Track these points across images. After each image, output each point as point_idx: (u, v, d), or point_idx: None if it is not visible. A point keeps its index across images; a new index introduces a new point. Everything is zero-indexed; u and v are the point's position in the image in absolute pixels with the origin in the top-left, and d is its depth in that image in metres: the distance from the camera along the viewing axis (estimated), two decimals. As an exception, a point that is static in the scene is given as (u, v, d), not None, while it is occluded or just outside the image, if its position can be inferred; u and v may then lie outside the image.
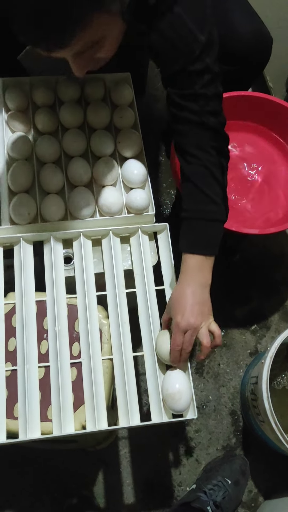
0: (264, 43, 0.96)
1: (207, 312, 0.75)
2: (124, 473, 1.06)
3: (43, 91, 0.92)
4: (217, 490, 0.97)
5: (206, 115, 0.73)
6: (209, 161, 0.74)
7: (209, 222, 0.75)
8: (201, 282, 0.74)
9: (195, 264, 0.74)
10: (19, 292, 0.78)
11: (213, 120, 0.74)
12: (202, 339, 0.73)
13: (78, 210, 0.83)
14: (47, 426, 0.71)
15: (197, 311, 0.73)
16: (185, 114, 0.74)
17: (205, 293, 0.75)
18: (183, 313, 0.72)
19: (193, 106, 0.73)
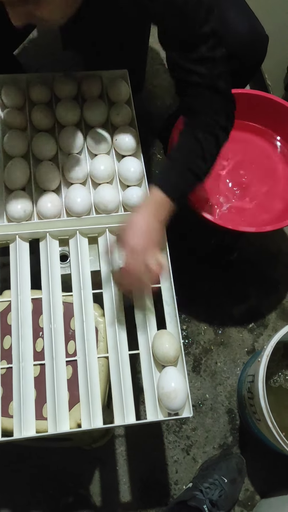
0: (259, 41, 0.96)
1: (156, 243, 0.76)
2: (120, 471, 1.06)
3: (39, 88, 0.92)
4: (214, 489, 0.97)
5: (215, 78, 0.74)
6: (215, 123, 0.76)
7: (192, 174, 0.76)
8: (159, 218, 0.75)
9: (160, 201, 0.75)
10: (14, 290, 0.78)
11: (222, 83, 0.75)
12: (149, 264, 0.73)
13: (75, 207, 0.82)
14: (42, 424, 0.71)
15: (148, 238, 0.74)
16: (192, 78, 0.74)
17: (158, 228, 0.76)
18: (134, 235, 0.74)
19: (201, 70, 0.73)
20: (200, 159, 0.76)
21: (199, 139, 0.76)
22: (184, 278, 1.23)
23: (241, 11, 0.95)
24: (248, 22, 0.94)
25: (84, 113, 0.92)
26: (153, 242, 0.74)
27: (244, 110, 1.10)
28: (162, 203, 0.75)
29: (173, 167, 0.77)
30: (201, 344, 1.19)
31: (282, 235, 1.34)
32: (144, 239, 0.73)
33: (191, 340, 1.20)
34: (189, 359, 1.17)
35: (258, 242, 1.31)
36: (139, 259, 0.72)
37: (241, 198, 1.05)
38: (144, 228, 0.74)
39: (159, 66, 1.55)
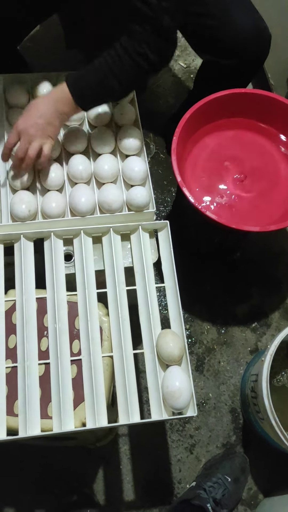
0: (262, 38, 0.97)
1: (47, 133, 0.79)
2: (124, 470, 1.06)
3: (43, 88, 0.92)
4: (217, 488, 0.97)
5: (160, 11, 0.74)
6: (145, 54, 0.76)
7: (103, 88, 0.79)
8: (59, 109, 0.79)
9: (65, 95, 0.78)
10: (19, 289, 0.78)
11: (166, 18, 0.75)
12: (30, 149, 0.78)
13: (79, 207, 0.83)
14: (47, 423, 0.71)
15: (41, 125, 0.78)
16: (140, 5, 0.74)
17: (56, 120, 0.80)
18: (27, 119, 0.78)
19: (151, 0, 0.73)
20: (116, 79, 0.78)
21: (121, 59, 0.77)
22: (187, 277, 1.23)
23: (245, 8, 0.96)
24: (252, 18, 0.95)
25: (88, 113, 0.92)
26: (43, 132, 0.79)
27: (247, 109, 1.10)
28: (66, 100, 0.79)
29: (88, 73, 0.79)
30: (204, 343, 1.20)
31: (285, 235, 1.34)
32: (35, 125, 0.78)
33: (194, 340, 1.20)
34: (192, 358, 1.17)
35: (261, 242, 1.31)
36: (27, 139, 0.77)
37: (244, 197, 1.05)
38: (39, 115, 0.78)
39: (162, 66, 1.55)
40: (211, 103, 1.03)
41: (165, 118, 1.40)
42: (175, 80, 1.54)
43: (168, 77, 1.53)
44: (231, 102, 1.06)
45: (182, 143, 1.02)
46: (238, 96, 1.06)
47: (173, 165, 0.94)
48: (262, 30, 0.97)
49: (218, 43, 0.98)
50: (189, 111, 1.01)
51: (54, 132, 0.81)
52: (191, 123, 1.02)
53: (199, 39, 1.05)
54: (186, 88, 1.52)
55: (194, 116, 1.02)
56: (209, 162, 1.08)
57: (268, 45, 0.99)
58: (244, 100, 1.09)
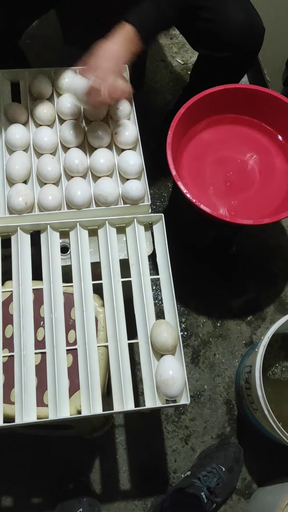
0: (256, 31, 0.99)
1: (119, 70, 0.83)
2: (120, 460, 1.08)
3: (40, 83, 0.93)
4: (211, 477, 0.99)
5: None
6: None
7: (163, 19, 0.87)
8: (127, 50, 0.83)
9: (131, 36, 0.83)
10: (16, 280, 0.80)
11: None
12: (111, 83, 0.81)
13: (75, 200, 0.84)
14: (43, 411, 0.73)
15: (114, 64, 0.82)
16: None
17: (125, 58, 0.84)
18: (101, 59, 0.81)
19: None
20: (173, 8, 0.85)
21: None
22: (183, 271, 1.25)
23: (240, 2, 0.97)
24: (245, 11, 0.96)
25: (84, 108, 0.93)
26: (118, 68, 0.82)
27: (242, 104, 1.11)
28: (132, 38, 0.83)
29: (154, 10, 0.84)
30: (200, 336, 1.21)
31: (281, 229, 1.35)
32: (110, 63, 0.81)
33: (190, 333, 1.21)
34: (188, 351, 1.19)
35: (257, 236, 1.32)
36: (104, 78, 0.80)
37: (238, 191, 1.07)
38: (111, 55, 0.81)
39: (159, 63, 1.56)
40: (206, 98, 1.05)
41: (162, 114, 1.41)
42: (173, 76, 1.55)
43: (165, 73, 1.55)
44: (226, 97, 1.07)
45: (178, 138, 1.04)
46: (233, 91, 1.07)
47: (168, 159, 0.95)
48: (256, 23, 0.99)
49: (213, 36, 0.99)
50: (184, 106, 1.02)
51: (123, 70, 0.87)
52: (186, 118, 1.04)
53: (194, 32, 1.06)
54: (183, 84, 1.53)
55: (189, 111, 1.03)
56: (205, 156, 1.10)
57: (262, 37, 1.01)
58: (240, 96, 1.10)
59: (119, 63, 0.82)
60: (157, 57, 1.56)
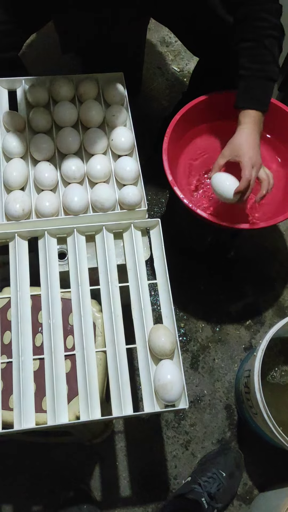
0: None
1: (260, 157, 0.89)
2: (120, 466, 1.07)
3: (37, 91, 0.94)
4: (212, 482, 0.99)
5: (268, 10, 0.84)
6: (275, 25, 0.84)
7: (270, 81, 0.87)
8: (259, 131, 0.89)
9: (256, 118, 0.88)
10: (14, 287, 0.80)
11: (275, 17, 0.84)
12: (262, 175, 0.88)
13: (72, 206, 0.85)
14: (41, 417, 0.73)
15: (259, 152, 0.88)
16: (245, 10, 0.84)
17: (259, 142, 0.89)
18: (251, 151, 0.86)
19: None
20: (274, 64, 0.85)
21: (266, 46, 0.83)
22: (181, 277, 1.25)
23: None
24: None
25: (81, 114, 0.94)
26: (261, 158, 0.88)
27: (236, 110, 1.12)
28: (260, 119, 0.88)
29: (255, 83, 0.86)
30: (199, 341, 1.21)
31: (279, 233, 1.36)
32: (259, 157, 0.87)
33: (189, 338, 1.21)
34: (187, 356, 1.19)
35: (255, 240, 1.33)
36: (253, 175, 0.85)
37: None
38: (254, 145, 0.86)
39: (156, 70, 1.57)
40: (201, 103, 1.06)
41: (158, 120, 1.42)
42: (169, 83, 1.56)
43: (162, 80, 1.56)
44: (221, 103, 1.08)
45: (174, 143, 1.04)
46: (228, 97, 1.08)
47: (164, 164, 0.96)
48: None
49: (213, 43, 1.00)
50: (180, 111, 1.03)
51: None
52: (182, 124, 1.04)
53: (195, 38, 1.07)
54: (179, 91, 1.54)
55: (185, 117, 1.04)
56: (201, 162, 1.10)
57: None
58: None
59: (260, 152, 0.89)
60: (153, 65, 1.58)
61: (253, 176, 0.86)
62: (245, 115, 0.87)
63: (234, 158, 0.88)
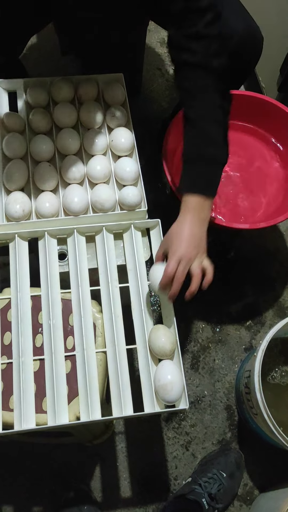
0: (254, 40, 0.98)
1: (202, 247, 0.77)
2: (120, 467, 1.07)
3: (37, 92, 0.94)
4: (212, 483, 0.99)
5: (209, 56, 0.74)
6: (212, 104, 0.76)
7: (209, 164, 0.77)
8: (200, 218, 0.77)
9: (196, 203, 0.77)
10: (14, 288, 0.80)
11: (216, 62, 0.74)
12: (194, 270, 0.76)
13: (72, 207, 0.85)
14: (42, 418, 0.73)
15: (194, 244, 0.76)
16: (186, 56, 0.74)
17: (202, 231, 0.78)
18: (179, 243, 0.75)
19: (196, 47, 0.73)
20: (214, 146, 0.77)
21: (201, 129, 0.76)
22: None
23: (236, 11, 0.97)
24: (243, 21, 0.96)
25: (80, 115, 0.94)
26: (199, 249, 0.77)
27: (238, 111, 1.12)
28: (202, 204, 0.77)
29: (194, 166, 0.78)
30: (199, 341, 1.21)
31: (279, 234, 1.36)
32: (190, 248, 0.75)
33: (189, 338, 1.21)
34: (187, 356, 1.19)
35: (255, 240, 1.33)
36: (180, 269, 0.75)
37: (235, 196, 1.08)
38: (188, 235, 0.76)
39: (156, 71, 1.58)
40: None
41: (158, 121, 1.42)
42: (168, 85, 1.56)
43: (161, 82, 1.56)
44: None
45: (174, 144, 1.05)
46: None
47: (164, 165, 0.96)
48: (254, 32, 0.98)
49: None
50: (180, 112, 1.03)
51: (205, 243, 0.79)
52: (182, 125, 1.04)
53: None
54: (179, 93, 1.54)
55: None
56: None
57: (260, 47, 1.00)
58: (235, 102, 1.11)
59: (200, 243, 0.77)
60: (153, 66, 1.58)
61: (179, 271, 0.75)
62: (184, 201, 0.78)
63: (166, 250, 0.78)
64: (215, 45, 0.74)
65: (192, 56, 0.74)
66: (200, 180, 0.78)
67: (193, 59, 0.74)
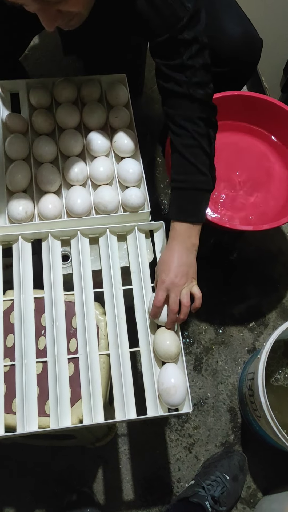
0: (253, 44, 0.98)
1: (191, 274, 0.79)
2: (123, 470, 1.07)
3: (40, 93, 0.94)
4: (216, 486, 0.98)
5: (193, 86, 0.75)
6: (196, 132, 0.77)
7: (196, 191, 0.78)
8: (188, 246, 0.78)
9: (183, 230, 0.78)
10: (17, 289, 0.80)
11: (200, 92, 0.76)
12: (182, 298, 0.77)
13: (75, 208, 0.84)
14: (44, 420, 0.73)
15: (182, 272, 0.77)
16: (171, 86, 0.76)
17: (191, 257, 0.79)
18: (168, 272, 0.77)
19: (180, 77, 0.75)
20: (199, 173, 0.78)
21: (187, 157, 0.78)
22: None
23: (234, 15, 0.97)
24: (241, 26, 0.96)
25: (83, 116, 0.94)
26: (187, 277, 0.78)
27: (241, 112, 1.12)
28: (189, 231, 0.79)
29: (180, 194, 0.80)
30: (202, 343, 1.21)
31: (282, 235, 1.35)
32: (179, 277, 0.77)
33: (192, 340, 1.21)
34: (190, 358, 1.19)
35: (258, 242, 1.32)
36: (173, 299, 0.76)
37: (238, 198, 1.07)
38: (176, 264, 0.77)
39: (158, 71, 1.57)
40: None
41: (161, 122, 1.42)
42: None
43: (164, 82, 1.56)
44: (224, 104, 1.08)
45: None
46: (231, 98, 1.08)
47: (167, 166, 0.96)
48: (253, 37, 0.98)
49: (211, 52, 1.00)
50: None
51: (195, 270, 0.81)
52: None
53: None
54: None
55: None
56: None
57: (259, 52, 1.00)
58: (238, 103, 1.11)
59: (190, 271, 0.78)
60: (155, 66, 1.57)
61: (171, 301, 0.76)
62: (172, 228, 0.79)
63: (156, 279, 0.80)
64: (200, 75, 0.76)
65: (178, 86, 0.76)
66: (187, 208, 0.79)
67: (178, 89, 0.76)
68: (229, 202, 1.07)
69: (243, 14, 0.98)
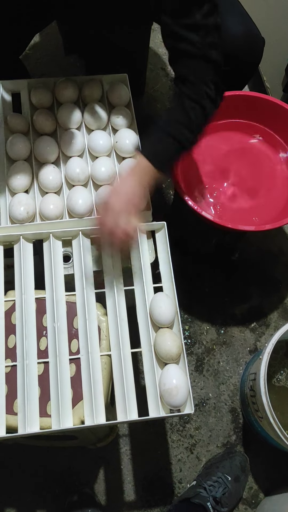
0: (255, 44, 0.97)
1: (135, 207, 0.78)
2: (125, 470, 1.07)
3: (41, 93, 0.94)
4: (217, 486, 0.98)
5: (207, 47, 0.74)
6: (206, 94, 0.76)
7: (177, 143, 0.78)
8: (142, 182, 0.78)
9: (145, 168, 0.78)
10: (18, 290, 0.80)
11: (214, 53, 0.75)
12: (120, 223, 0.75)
13: (76, 209, 0.84)
14: (46, 421, 0.72)
15: (127, 201, 0.76)
16: (184, 46, 0.74)
17: (140, 194, 0.78)
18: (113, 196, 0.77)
19: (194, 37, 0.73)
20: (186, 128, 0.78)
21: (185, 108, 0.77)
22: (186, 279, 1.24)
23: (237, 14, 0.96)
24: (243, 25, 0.95)
25: (85, 116, 0.94)
26: (132, 206, 0.77)
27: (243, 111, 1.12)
28: (146, 170, 0.78)
29: (158, 136, 0.79)
30: (204, 344, 1.20)
31: (284, 235, 1.35)
32: (122, 201, 0.76)
33: (193, 340, 1.21)
34: (192, 359, 1.18)
35: (259, 242, 1.32)
36: (113, 217, 0.75)
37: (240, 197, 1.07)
38: (125, 191, 0.77)
39: (159, 71, 1.57)
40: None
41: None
42: (172, 84, 1.55)
43: (165, 81, 1.55)
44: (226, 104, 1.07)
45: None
46: (233, 98, 1.08)
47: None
48: (255, 36, 0.97)
49: None
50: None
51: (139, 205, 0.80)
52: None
53: None
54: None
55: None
56: (206, 163, 1.10)
57: (261, 51, 1.00)
58: (240, 103, 1.10)
59: (134, 200, 0.77)
60: (157, 66, 1.57)
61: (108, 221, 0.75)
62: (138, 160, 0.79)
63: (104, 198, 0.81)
64: (213, 36, 0.75)
65: (189, 45, 0.74)
66: (159, 151, 0.79)
67: (190, 49, 0.74)
68: (230, 202, 1.06)
69: (245, 13, 0.97)
